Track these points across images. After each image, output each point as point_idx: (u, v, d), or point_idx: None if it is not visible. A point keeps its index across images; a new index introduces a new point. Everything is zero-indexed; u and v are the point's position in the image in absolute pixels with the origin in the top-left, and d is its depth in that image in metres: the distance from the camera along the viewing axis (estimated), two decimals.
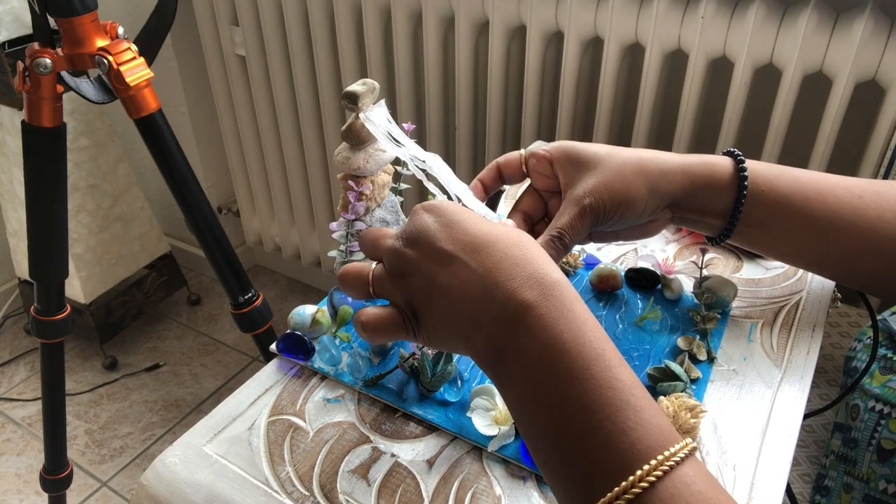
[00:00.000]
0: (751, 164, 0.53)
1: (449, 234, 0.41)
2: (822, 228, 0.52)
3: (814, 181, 0.53)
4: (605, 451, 0.34)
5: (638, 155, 0.53)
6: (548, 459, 0.36)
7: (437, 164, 0.55)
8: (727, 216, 0.54)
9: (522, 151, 0.57)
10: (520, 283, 0.38)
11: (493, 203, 0.72)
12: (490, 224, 0.42)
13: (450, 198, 0.57)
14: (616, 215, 0.52)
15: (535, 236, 0.55)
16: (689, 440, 0.35)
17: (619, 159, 0.53)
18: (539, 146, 0.57)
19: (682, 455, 0.33)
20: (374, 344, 0.55)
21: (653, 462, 0.33)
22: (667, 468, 0.33)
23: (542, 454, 0.37)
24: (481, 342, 0.39)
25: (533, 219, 0.58)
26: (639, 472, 0.33)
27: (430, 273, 0.40)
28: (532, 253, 0.40)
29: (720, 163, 0.54)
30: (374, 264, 0.45)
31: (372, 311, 0.43)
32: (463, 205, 0.56)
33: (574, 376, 0.35)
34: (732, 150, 0.55)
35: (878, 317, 0.83)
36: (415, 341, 0.43)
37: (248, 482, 0.47)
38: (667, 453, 0.33)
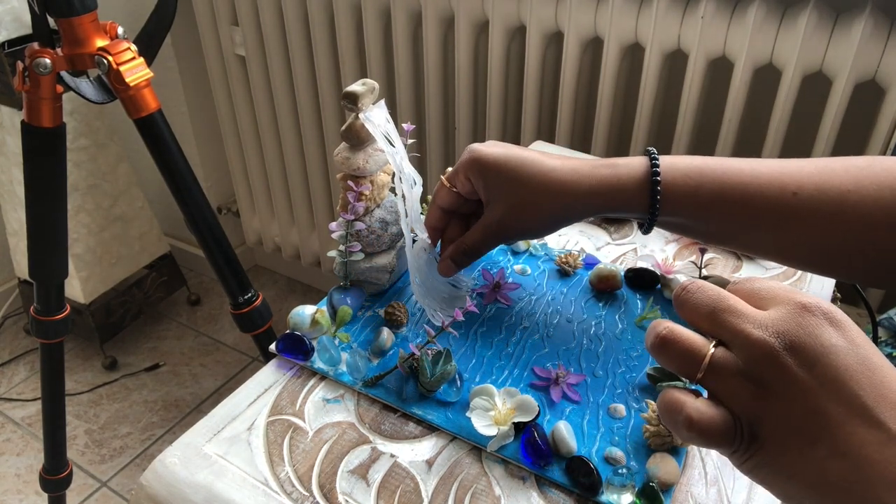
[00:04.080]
0: (670, 171, 0.50)
1: (872, 384, 0.30)
2: (744, 229, 0.51)
3: (742, 183, 0.49)
4: None
5: (560, 177, 0.53)
6: None
7: (416, 185, 0.57)
8: (645, 221, 0.53)
9: (443, 178, 0.59)
10: None
11: None
12: None
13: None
14: (524, 236, 0.58)
15: (454, 232, 0.60)
16: None
17: (535, 182, 0.53)
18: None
19: None
20: (693, 444, 0.45)
21: None
22: None
23: None
24: None
25: (452, 214, 0.61)
26: None
27: (824, 416, 0.30)
28: None
29: (635, 180, 0.51)
30: (712, 344, 0.33)
31: (706, 409, 0.32)
32: (414, 235, 0.58)
33: None
34: (651, 151, 0.52)
35: (884, 315, 0.83)
36: (736, 461, 0.33)
37: (247, 482, 0.47)
38: None
